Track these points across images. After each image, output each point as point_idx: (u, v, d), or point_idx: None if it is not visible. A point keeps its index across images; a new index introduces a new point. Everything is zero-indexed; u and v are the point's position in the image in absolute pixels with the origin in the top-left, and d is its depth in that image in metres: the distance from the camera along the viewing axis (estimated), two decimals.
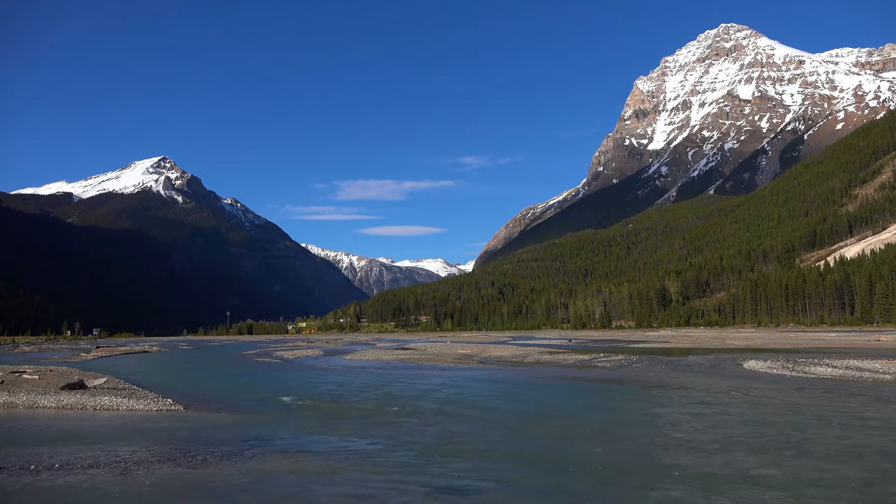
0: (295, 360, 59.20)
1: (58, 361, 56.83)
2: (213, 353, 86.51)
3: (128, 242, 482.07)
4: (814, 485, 12.65)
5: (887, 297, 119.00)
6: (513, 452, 16.26)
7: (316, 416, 22.66)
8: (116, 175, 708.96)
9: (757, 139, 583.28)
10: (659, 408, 23.46)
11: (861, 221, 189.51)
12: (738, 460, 14.68)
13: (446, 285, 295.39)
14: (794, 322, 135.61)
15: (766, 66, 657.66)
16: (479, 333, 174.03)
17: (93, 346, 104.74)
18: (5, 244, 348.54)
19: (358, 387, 32.56)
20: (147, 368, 52.52)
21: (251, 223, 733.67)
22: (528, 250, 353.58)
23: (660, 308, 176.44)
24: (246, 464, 14.85)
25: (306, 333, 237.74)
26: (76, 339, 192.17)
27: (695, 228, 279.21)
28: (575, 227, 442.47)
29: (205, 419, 22.34)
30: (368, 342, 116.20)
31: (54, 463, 14.77)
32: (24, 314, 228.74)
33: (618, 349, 64.50)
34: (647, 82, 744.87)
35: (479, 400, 26.32)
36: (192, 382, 37.82)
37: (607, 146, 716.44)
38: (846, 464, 14.21)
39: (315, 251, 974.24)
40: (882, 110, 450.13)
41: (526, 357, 52.80)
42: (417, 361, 51.46)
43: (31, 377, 32.94)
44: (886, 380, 29.97)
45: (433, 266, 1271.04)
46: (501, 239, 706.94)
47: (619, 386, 31.22)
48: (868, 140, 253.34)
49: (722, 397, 25.45)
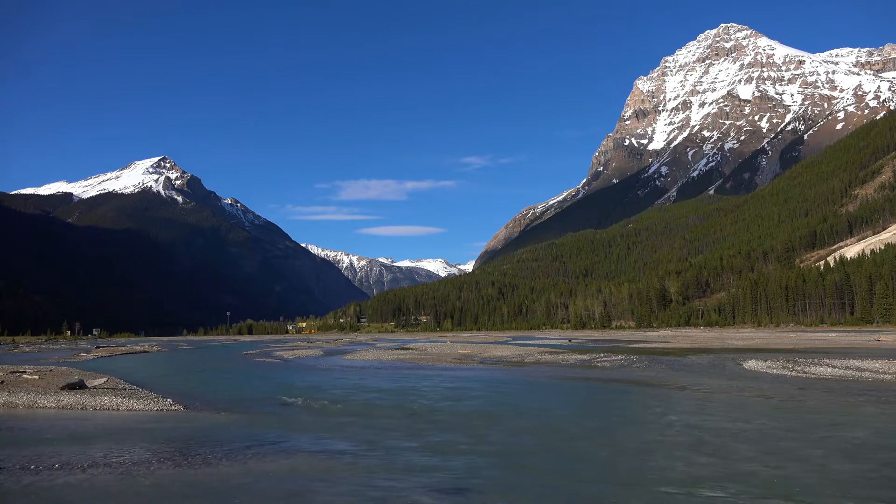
0: (295, 361, 59.20)
1: (58, 361, 56.82)
2: (213, 353, 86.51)
3: (128, 242, 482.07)
4: (813, 484, 12.65)
5: (887, 297, 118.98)
6: (513, 452, 16.26)
7: (316, 416, 22.66)
8: (116, 175, 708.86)
9: (757, 139, 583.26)
10: (659, 408, 23.46)
11: (861, 221, 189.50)
12: (738, 460, 14.67)
13: (446, 285, 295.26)
14: (794, 322, 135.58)
15: (766, 66, 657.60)
16: (479, 333, 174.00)
17: (93, 346, 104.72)
18: (5, 244, 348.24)
19: (358, 387, 32.56)
20: (147, 368, 52.52)
21: (251, 223, 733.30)
22: (528, 250, 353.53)
23: (660, 308, 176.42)
24: (246, 464, 14.84)
25: (306, 333, 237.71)
26: (76, 339, 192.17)
27: (695, 228, 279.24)
28: (575, 227, 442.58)
29: (205, 419, 22.34)
30: (368, 342, 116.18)
31: (54, 463, 14.76)
32: (24, 314, 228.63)
33: (618, 349, 64.48)
34: (647, 82, 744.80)
35: (479, 400, 26.32)
36: (192, 382, 37.82)
37: (607, 146, 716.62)
38: (846, 464, 14.21)
39: (315, 251, 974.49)
40: (882, 110, 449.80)
41: (526, 357, 52.78)
42: (417, 361, 51.45)
43: (31, 377, 32.93)
44: (886, 380, 29.96)
45: (433, 266, 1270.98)
46: (501, 239, 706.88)
47: (619, 386, 31.22)
48: (868, 140, 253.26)
49: (722, 397, 25.45)
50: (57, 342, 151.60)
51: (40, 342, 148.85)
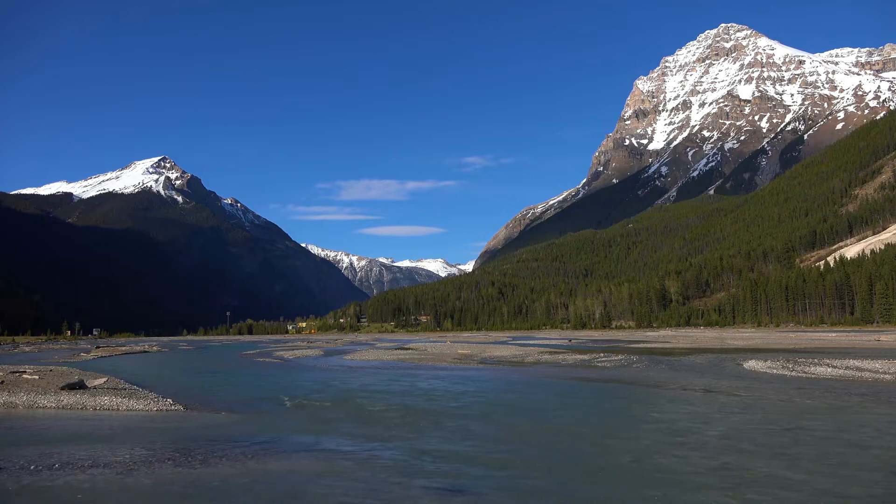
0: (295, 361, 59.18)
1: (58, 361, 56.78)
2: (213, 353, 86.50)
3: (128, 242, 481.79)
4: (813, 484, 12.65)
5: (887, 297, 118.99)
6: (513, 452, 16.25)
7: (316, 416, 22.65)
8: (116, 175, 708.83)
9: (757, 139, 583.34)
10: (659, 408, 23.46)
11: (861, 221, 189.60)
12: (738, 460, 14.67)
13: (446, 285, 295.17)
14: (794, 322, 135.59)
15: (766, 66, 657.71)
16: (479, 333, 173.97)
17: (93, 346, 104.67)
18: (5, 244, 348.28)
19: (358, 387, 32.56)
20: (147, 368, 52.53)
21: (251, 223, 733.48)
22: (528, 250, 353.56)
23: (660, 308, 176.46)
24: (246, 464, 14.84)
25: (306, 333, 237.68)
26: (76, 339, 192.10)
27: (695, 228, 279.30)
28: (575, 227, 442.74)
29: (205, 419, 22.34)
30: (368, 342, 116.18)
31: (54, 463, 14.75)
32: (24, 314, 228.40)
33: (618, 349, 64.47)
34: (647, 82, 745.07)
35: (479, 400, 26.32)
36: (192, 382, 37.81)
37: (607, 146, 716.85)
38: (846, 464, 14.20)
39: (315, 251, 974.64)
40: (882, 110, 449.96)
41: (526, 357, 52.78)
42: (417, 361, 51.44)
43: (31, 377, 32.92)
44: (886, 380, 29.96)
45: (433, 266, 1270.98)
46: (501, 239, 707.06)
47: (619, 386, 31.22)
48: (868, 140, 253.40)
49: (722, 397, 25.45)
50: (57, 342, 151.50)
51: (40, 342, 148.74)
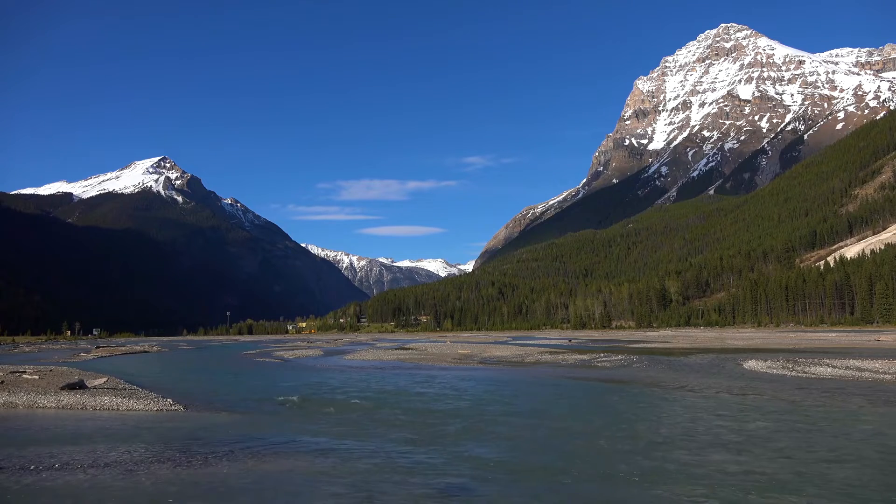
0: (295, 361, 59.21)
1: (58, 361, 56.82)
2: (213, 353, 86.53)
3: (128, 242, 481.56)
4: (813, 484, 12.66)
5: (887, 297, 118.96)
6: (513, 452, 16.26)
7: (316, 416, 22.66)
8: (116, 175, 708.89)
9: (757, 139, 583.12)
10: (659, 408, 23.47)
11: (861, 221, 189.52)
12: (737, 460, 14.68)
13: (446, 285, 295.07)
14: (794, 322, 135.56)
15: (766, 66, 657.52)
16: (479, 333, 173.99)
17: (93, 346, 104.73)
18: (5, 244, 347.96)
19: (358, 387, 32.57)
20: (147, 368, 52.55)
21: (251, 223, 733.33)
22: (528, 250, 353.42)
23: (660, 308, 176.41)
24: (246, 464, 14.85)
25: (306, 333, 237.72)
26: (76, 339, 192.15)
27: (695, 228, 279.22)
28: (575, 227, 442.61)
29: (205, 419, 22.35)
30: (368, 342, 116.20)
31: (54, 463, 14.76)
32: (24, 314, 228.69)
33: (618, 349, 64.49)
34: (647, 82, 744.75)
35: (479, 400, 26.33)
36: (191, 382, 37.83)
37: (607, 146, 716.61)
38: (845, 464, 14.21)
39: (315, 251, 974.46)
40: (882, 110, 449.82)
41: (526, 357, 52.79)
42: (417, 361, 51.46)
43: (31, 377, 32.93)
44: (886, 380, 29.97)
45: (433, 266, 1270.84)
46: (501, 239, 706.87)
47: (619, 386, 31.23)
48: (868, 140, 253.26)
49: (722, 397, 25.46)
50: (57, 342, 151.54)
51: (40, 342, 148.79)
